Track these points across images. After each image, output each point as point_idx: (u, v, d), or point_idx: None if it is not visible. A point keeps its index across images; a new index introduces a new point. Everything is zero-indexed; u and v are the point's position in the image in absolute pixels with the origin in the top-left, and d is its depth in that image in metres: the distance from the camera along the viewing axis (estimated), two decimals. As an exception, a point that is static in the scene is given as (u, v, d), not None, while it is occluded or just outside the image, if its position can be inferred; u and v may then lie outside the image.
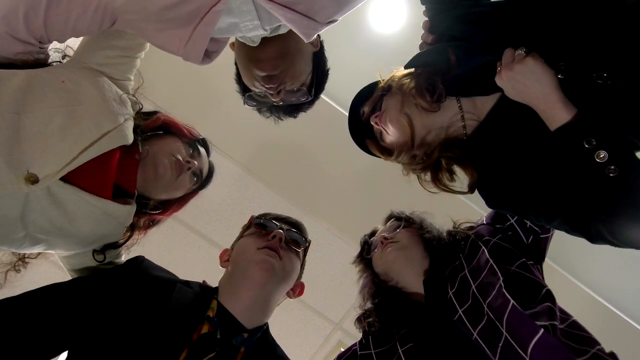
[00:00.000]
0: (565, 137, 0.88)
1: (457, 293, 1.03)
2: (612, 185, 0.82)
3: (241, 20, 0.94)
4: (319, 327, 2.90)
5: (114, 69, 1.10)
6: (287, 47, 1.09)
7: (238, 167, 2.63)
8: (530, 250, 1.11)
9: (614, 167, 0.82)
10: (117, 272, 1.08)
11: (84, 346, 0.91)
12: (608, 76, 0.86)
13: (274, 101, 1.18)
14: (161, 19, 0.92)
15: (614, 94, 0.87)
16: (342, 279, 2.76)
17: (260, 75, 1.11)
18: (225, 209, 2.70)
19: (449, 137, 1.08)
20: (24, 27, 0.94)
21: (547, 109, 0.91)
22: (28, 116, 0.92)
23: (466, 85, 1.04)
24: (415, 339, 1.02)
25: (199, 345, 0.91)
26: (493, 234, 1.13)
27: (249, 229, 1.18)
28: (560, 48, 0.92)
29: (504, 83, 0.95)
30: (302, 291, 1.20)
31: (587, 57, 0.89)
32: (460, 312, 0.99)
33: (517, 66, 0.91)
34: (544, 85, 0.90)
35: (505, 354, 0.88)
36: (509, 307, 0.90)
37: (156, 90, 1.53)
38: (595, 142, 0.83)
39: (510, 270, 1.01)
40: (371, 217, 1.58)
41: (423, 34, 1.12)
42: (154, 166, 1.14)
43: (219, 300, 1.02)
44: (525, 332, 0.85)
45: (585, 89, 0.89)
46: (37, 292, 0.97)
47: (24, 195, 0.91)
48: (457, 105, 1.07)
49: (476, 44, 1.01)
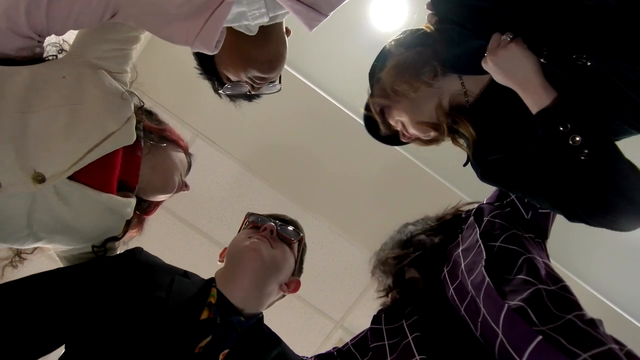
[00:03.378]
0: (542, 121, 0.92)
1: (450, 271, 1.08)
2: (585, 169, 0.87)
3: (249, 9, 0.96)
4: (320, 325, 2.90)
5: (112, 62, 1.10)
6: (282, 48, 1.13)
7: (238, 165, 2.63)
8: (531, 224, 1.14)
9: (587, 151, 0.86)
10: (116, 260, 1.09)
11: (81, 337, 0.91)
12: (587, 57, 0.90)
13: (252, 92, 1.21)
14: (169, 11, 0.92)
15: (594, 75, 0.91)
16: (342, 276, 2.76)
17: (257, 75, 1.13)
18: (226, 207, 2.70)
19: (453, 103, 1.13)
20: (25, 21, 0.93)
21: (528, 94, 0.95)
22: (32, 115, 0.93)
23: (463, 65, 1.08)
24: (419, 313, 1.07)
25: (200, 330, 0.94)
26: (489, 213, 1.16)
27: (245, 225, 1.25)
28: (544, 33, 0.95)
29: (489, 68, 0.99)
30: (297, 288, 1.23)
31: (568, 40, 0.92)
32: (451, 289, 1.04)
33: (501, 52, 0.95)
34: (526, 71, 0.94)
35: (483, 327, 0.92)
36: (485, 284, 0.93)
37: (155, 88, 1.53)
38: (570, 127, 0.88)
39: (495, 246, 1.04)
40: (372, 214, 1.60)
41: (428, 14, 1.14)
42: (165, 180, 1.20)
43: (217, 288, 1.06)
44: (494, 307, 0.89)
45: (567, 72, 0.93)
46: (33, 279, 0.97)
47: (31, 195, 0.91)
48: (460, 82, 1.11)
49: (470, 29, 1.04)
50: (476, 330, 0.94)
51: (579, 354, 0.75)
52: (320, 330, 2.91)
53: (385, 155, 2.52)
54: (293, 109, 2.48)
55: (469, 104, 1.11)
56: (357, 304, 2.81)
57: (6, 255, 1.11)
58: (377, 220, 2.54)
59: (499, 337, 0.87)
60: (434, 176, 2.55)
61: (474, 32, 1.03)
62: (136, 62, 1.20)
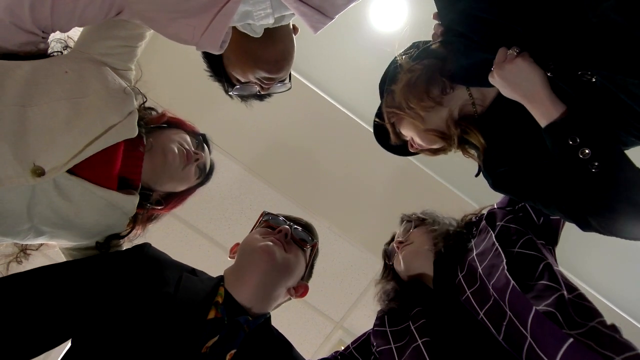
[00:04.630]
0: (551, 135, 0.92)
1: (465, 276, 1.07)
2: (596, 181, 0.87)
3: (255, 8, 0.96)
4: (319, 326, 2.89)
5: (116, 58, 1.10)
6: (290, 47, 1.12)
7: (239, 166, 2.63)
8: (542, 230, 1.15)
9: (597, 163, 0.86)
10: (124, 255, 1.08)
11: (88, 332, 0.91)
12: (592, 73, 0.90)
13: (261, 92, 1.20)
14: (176, 9, 0.92)
15: (600, 91, 0.91)
16: (342, 277, 2.76)
17: (264, 76, 1.13)
18: (227, 207, 2.70)
19: (462, 113, 1.13)
20: (29, 16, 0.93)
21: (536, 107, 0.94)
22: (33, 109, 0.92)
23: (470, 76, 1.08)
24: (427, 316, 1.06)
25: (207, 329, 0.93)
26: (502, 218, 1.16)
27: (260, 224, 1.22)
28: (550, 48, 0.95)
29: (496, 82, 0.99)
30: (305, 293, 1.21)
31: (573, 56, 0.92)
32: (468, 293, 1.03)
33: (508, 66, 0.95)
34: (533, 84, 0.94)
35: (509, 331, 0.91)
36: (510, 287, 0.93)
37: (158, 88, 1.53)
38: (579, 140, 0.88)
39: (514, 252, 1.04)
40: (372, 216, 1.60)
41: (435, 24, 1.15)
42: (162, 154, 1.15)
43: (225, 287, 1.05)
44: (522, 310, 0.89)
45: (573, 87, 0.93)
46: (40, 271, 0.96)
47: (31, 188, 0.91)
48: (468, 93, 1.11)
49: (475, 41, 1.04)
50: (499, 334, 0.93)
51: (613, 357, 0.77)
52: (320, 330, 2.90)
53: (385, 156, 2.51)
54: (292, 110, 2.48)
55: (477, 114, 1.11)
56: (357, 304, 2.81)
57: (11, 252, 1.11)
58: (377, 220, 2.54)
59: (527, 341, 0.86)
60: (433, 176, 2.56)
61: (480, 44, 1.03)
62: (138, 62, 1.20)
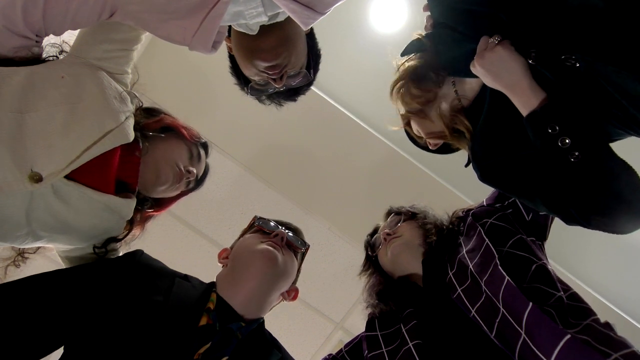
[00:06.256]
0: (531, 123, 0.91)
1: (456, 274, 1.06)
2: (577, 171, 0.86)
3: (246, 8, 0.96)
4: (320, 327, 2.89)
5: (112, 62, 1.10)
6: (286, 34, 1.10)
7: (239, 167, 2.62)
8: (531, 226, 1.14)
9: (577, 153, 0.85)
10: (116, 262, 1.08)
11: (80, 339, 0.90)
12: (576, 58, 0.88)
13: (277, 87, 1.18)
14: (166, 10, 0.92)
15: (583, 77, 0.89)
16: (343, 278, 2.76)
17: (263, 66, 1.11)
18: (227, 208, 2.69)
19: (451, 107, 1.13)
20: (22, 20, 0.93)
21: (516, 96, 0.94)
22: (31, 114, 0.93)
23: (456, 68, 1.08)
24: (418, 317, 1.05)
25: (199, 337, 0.92)
26: (490, 215, 1.15)
27: (251, 229, 1.22)
28: (533, 33, 0.94)
29: (477, 71, 0.98)
30: (297, 296, 1.22)
31: (555, 41, 0.91)
32: (459, 291, 1.02)
33: (488, 54, 0.94)
34: (513, 73, 0.93)
35: (502, 328, 0.90)
36: (504, 283, 0.92)
37: (156, 88, 1.53)
38: (559, 128, 0.86)
39: (503, 251, 1.03)
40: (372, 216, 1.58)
41: (426, 16, 1.14)
42: (156, 172, 1.16)
43: (218, 293, 1.04)
44: (517, 306, 0.88)
45: (556, 74, 0.92)
46: (32, 280, 0.96)
47: (29, 193, 0.91)
48: (454, 90, 1.11)
49: (460, 32, 1.04)
50: (491, 331, 0.92)
51: (611, 354, 0.76)
52: (321, 331, 2.90)
53: (386, 156, 2.52)
54: (292, 110, 2.47)
55: (463, 107, 1.11)
56: (358, 305, 2.80)
57: (9, 255, 1.11)
58: (378, 221, 2.53)
59: (521, 337, 0.85)
60: (433, 177, 2.55)
61: (465, 35, 1.03)
62: (137, 63, 1.19)
